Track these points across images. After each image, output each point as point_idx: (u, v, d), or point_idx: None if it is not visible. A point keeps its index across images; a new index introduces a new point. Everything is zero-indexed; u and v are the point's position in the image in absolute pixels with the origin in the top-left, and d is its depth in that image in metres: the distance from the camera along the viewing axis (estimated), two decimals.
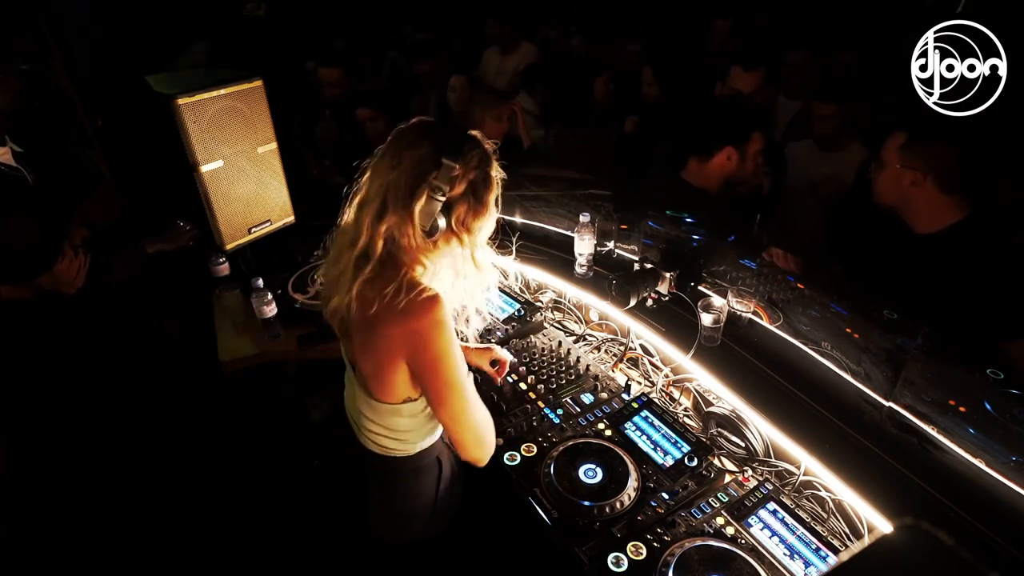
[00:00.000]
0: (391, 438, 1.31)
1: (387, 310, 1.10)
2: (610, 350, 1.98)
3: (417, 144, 1.10)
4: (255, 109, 2.13)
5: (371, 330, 1.15)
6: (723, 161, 2.11)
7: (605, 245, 2.12)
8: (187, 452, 2.54)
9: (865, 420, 1.38)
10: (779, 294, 1.64)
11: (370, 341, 1.18)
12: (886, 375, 1.34)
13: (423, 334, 1.12)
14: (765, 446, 1.50)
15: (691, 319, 1.74)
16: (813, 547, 1.26)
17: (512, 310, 2.09)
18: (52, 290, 1.98)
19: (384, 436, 1.31)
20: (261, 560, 2.27)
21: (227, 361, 2.12)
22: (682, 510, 1.37)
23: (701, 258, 1.85)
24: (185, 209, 2.25)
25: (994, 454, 1.17)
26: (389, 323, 1.12)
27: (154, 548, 2.26)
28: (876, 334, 1.37)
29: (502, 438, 1.58)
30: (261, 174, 2.23)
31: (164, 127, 1.98)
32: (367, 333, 1.17)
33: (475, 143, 1.14)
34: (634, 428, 1.61)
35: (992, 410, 1.16)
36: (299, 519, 2.35)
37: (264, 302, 2.11)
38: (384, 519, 1.45)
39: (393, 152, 1.11)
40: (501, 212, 1.23)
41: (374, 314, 1.12)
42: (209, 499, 2.42)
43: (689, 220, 1.92)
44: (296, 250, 2.53)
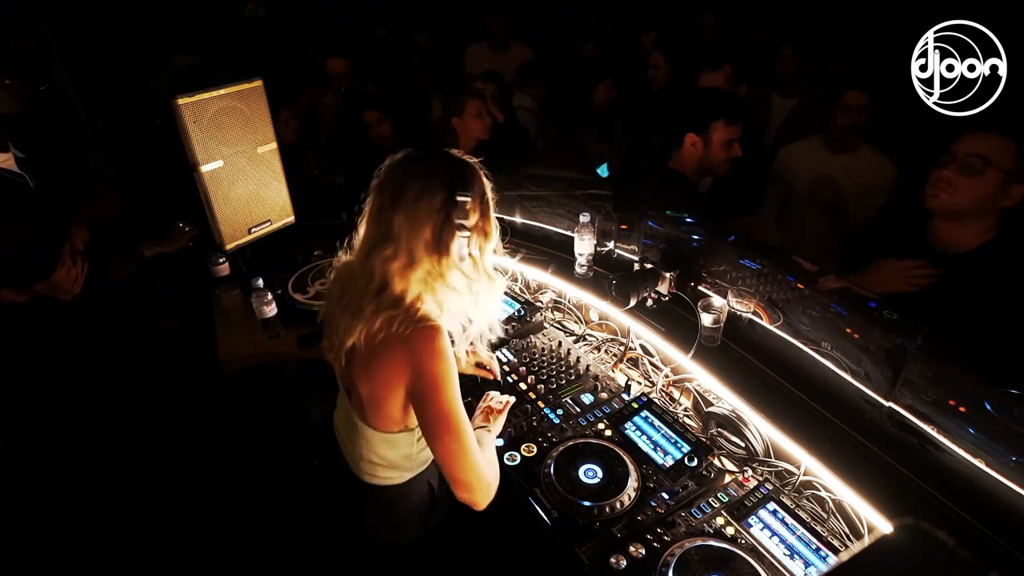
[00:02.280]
0: (382, 466, 1.32)
1: (392, 338, 1.13)
2: (610, 350, 1.98)
3: (429, 190, 1.11)
4: (255, 109, 2.13)
5: (373, 356, 1.17)
6: (689, 148, 2.18)
7: (605, 245, 2.12)
8: (187, 452, 2.54)
9: (865, 420, 1.38)
10: (779, 294, 1.64)
11: (371, 367, 1.19)
12: (886, 375, 1.34)
13: (423, 361, 1.13)
14: (765, 446, 1.50)
15: (691, 319, 1.74)
16: (813, 547, 1.26)
17: (512, 310, 2.09)
18: (50, 295, 1.98)
19: (376, 464, 1.32)
20: (260, 560, 2.27)
21: (227, 361, 2.12)
22: (682, 510, 1.37)
23: (701, 258, 1.85)
24: (185, 209, 2.25)
25: (994, 454, 1.17)
26: (391, 350, 1.14)
27: (154, 548, 2.26)
28: (876, 334, 1.36)
29: (502, 438, 1.58)
30: (261, 174, 2.23)
31: (164, 127, 1.98)
32: (369, 360, 1.19)
33: (469, 167, 1.17)
34: (634, 428, 1.61)
35: (992, 410, 1.16)
36: (298, 519, 2.34)
37: (264, 302, 2.11)
38: (378, 522, 1.46)
39: (406, 203, 1.12)
40: (500, 212, 1.24)
41: (380, 342, 1.14)
42: (209, 499, 2.42)
43: (689, 220, 1.92)
44: (296, 250, 2.53)
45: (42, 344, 2.08)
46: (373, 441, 1.28)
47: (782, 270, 1.62)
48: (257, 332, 2.17)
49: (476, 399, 1.61)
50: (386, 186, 1.15)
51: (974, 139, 1.60)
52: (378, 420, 1.25)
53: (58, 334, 2.09)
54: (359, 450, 1.32)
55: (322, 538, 2.30)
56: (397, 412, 1.23)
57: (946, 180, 1.63)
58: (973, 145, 1.59)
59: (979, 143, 1.59)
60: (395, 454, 1.30)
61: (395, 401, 1.20)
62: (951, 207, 1.65)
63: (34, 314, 2.01)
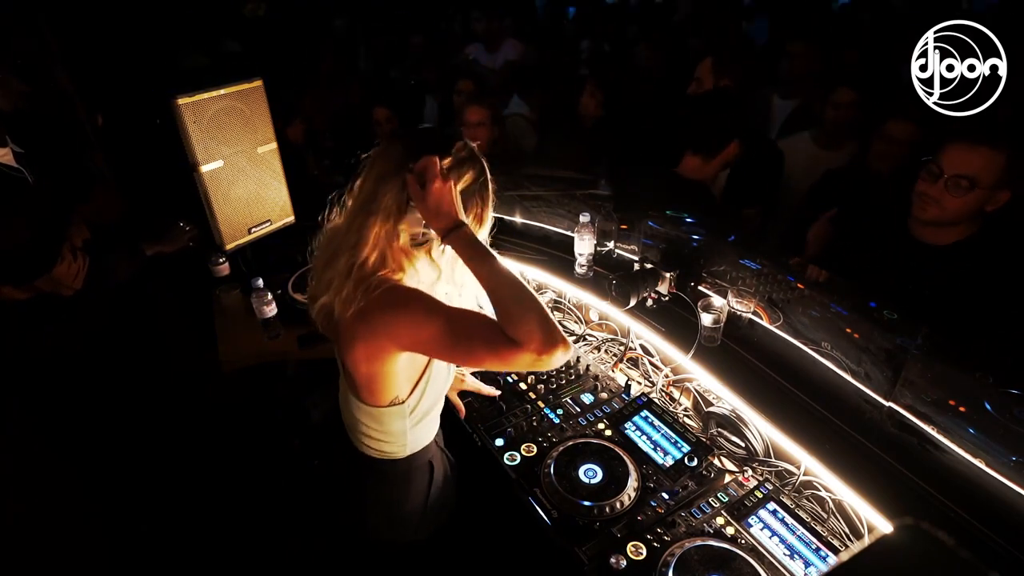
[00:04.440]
0: (381, 440, 1.31)
1: (360, 311, 1.12)
2: (610, 350, 1.98)
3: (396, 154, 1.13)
4: (255, 109, 2.13)
5: (348, 331, 1.17)
6: (693, 164, 2.14)
7: (605, 245, 2.12)
8: (187, 452, 2.54)
9: (865, 420, 1.38)
10: (779, 294, 1.64)
11: (350, 343, 1.18)
12: (886, 375, 1.34)
13: (391, 320, 1.11)
14: (765, 446, 1.50)
15: (691, 319, 1.74)
16: (813, 547, 1.26)
17: None
18: (50, 292, 1.98)
19: (374, 439, 1.32)
20: (260, 560, 2.27)
21: (227, 361, 2.12)
22: (682, 510, 1.37)
23: (701, 258, 1.85)
24: (185, 209, 2.25)
25: (994, 454, 1.17)
26: (361, 324, 1.13)
27: (154, 547, 2.26)
28: (876, 334, 1.36)
29: (502, 438, 1.58)
30: (261, 174, 2.23)
31: (164, 127, 1.98)
32: (348, 336, 1.18)
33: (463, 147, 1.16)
34: (634, 428, 1.61)
35: (992, 410, 1.16)
36: (298, 519, 2.34)
37: (264, 302, 2.11)
38: (378, 520, 1.45)
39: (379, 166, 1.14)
40: (500, 212, 1.24)
41: (351, 315, 1.13)
42: (209, 499, 2.42)
43: (689, 220, 1.92)
44: (296, 250, 2.52)
45: (42, 343, 2.08)
46: (365, 414, 1.28)
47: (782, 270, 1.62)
48: (257, 332, 2.17)
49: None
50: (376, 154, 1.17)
51: (960, 155, 1.58)
52: (366, 394, 1.24)
53: (58, 333, 2.09)
54: (354, 422, 1.32)
55: (322, 538, 2.30)
56: (386, 386, 1.21)
57: (934, 199, 1.64)
58: (960, 163, 1.57)
59: (965, 161, 1.57)
60: (387, 427, 1.29)
61: (381, 374, 1.19)
62: (938, 220, 1.68)
63: (35, 313, 2.01)
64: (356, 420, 1.31)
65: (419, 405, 1.29)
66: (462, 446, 1.62)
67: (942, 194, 1.61)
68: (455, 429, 1.65)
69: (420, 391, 1.28)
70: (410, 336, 1.12)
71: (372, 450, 1.35)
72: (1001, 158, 1.55)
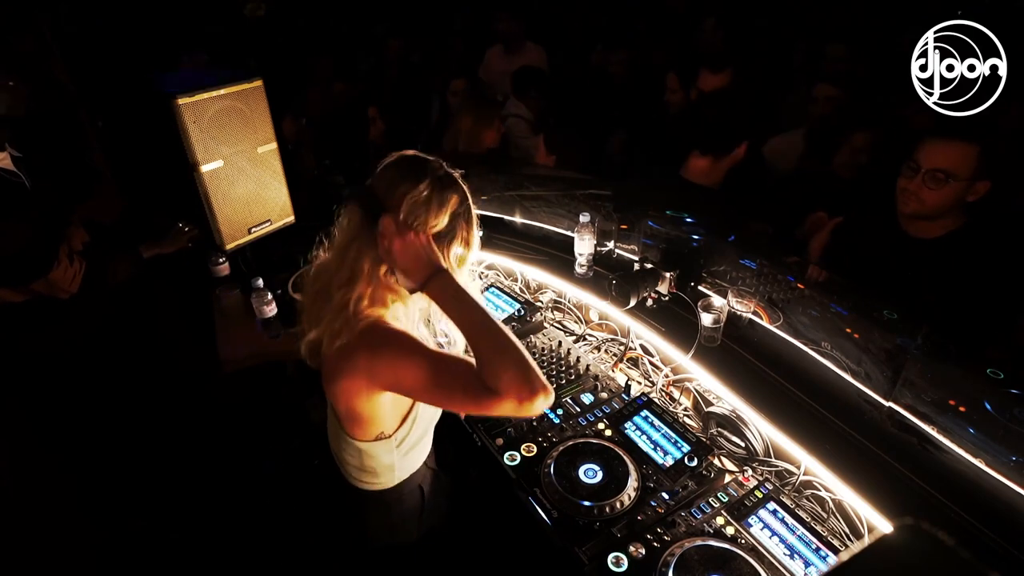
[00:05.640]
0: (366, 472, 1.31)
1: (343, 348, 1.12)
2: (610, 350, 1.98)
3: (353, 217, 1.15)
4: (255, 109, 2.13)
5: (331, 366, 1.16)
6: (703, 166, 2.14)
7: (605, 245, 2.12)
8: (187, 452, 2.54)
9: (865, 420, 1.38)
10: (779, 294, 1.64)
11: (333, 377, 1.17)
12: (886, 375, 1.34)
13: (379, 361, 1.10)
14: (765, 446, 1.50)
15: (691, 319, 1.74)
16: (813, 547, 1.26)
17: (512, 310, 2.09)
18: (48, 295, 1.98)
19: (360, 471, 1.31)
20: (260, 560, 2.27)
21: (227, 361, 2.12)
22: (682, 510, 1.37)
23: (701, 258, 1.85)
24: (185, 209, 2.25)
25: (994, 454, 1.17)
26: (343, 358, 1.13)
27: (153, 547, 2.26)
28: (876, 334, 1.37)
29: (502, 438, 1.58)
30: (261, 174, 2.23)
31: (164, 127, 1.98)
32: (331, 370, 1.17)
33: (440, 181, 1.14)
34: (634, 428, 1.61)
35: (992, 410, 1.16)
36: (298, 520, 2.34)
37: (264, 302, 2.11)
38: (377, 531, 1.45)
39: (349, 228, 1.15)
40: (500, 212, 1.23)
41: (335, 351, 1.13)
42: (208, 499, 2.42)
43: (689, 220, 1.92)
44: (296, 250, 2.52)
45: (41, 344, 2.08)
46: (354, 450, 1.27)
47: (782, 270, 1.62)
48: (257, 332, 2.17)
49: None
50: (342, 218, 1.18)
51: (936, 150, 1.67)
52: (353, 429, 1.23)
53: (57, 334, 2.09)
54: (344, 456, 1.31)
55: (322, 538, 2.30)
56: (372, 421, 1.20)
57: (913, 193, 1.72)
58: (935, 158, 1.66)
59: (940, 156, 1.65)
60: (376, 463, 1.28)
61: (363, 411, 1.18)
62: (920, 213, 1.75)
63: (33, 314, 2.01)
64: (345, 455, 1.30)
65: (408, 436, 1.28)
66: (462, 446, 1.62)
67: (920, 188, 1.69)
68: (455, 429, 1.65)
69: (410, 423, 1.26)
70: (390, 377, 1.11)
71: (358, 481, 1.34)
72: (974, 151, 1.62)
